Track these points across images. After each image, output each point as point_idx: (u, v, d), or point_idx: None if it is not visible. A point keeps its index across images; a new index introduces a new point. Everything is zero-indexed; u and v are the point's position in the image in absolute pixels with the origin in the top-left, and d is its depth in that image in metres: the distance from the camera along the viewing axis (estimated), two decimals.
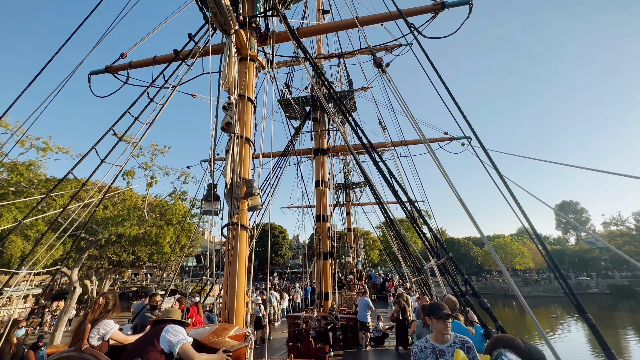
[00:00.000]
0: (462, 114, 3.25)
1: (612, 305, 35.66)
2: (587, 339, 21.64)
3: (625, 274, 48.93)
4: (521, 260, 48.39)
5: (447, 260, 2.79)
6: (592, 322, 1.92)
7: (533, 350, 1.15)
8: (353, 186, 19.89)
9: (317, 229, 10.38)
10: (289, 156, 10.23)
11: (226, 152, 4.22)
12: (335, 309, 9.55)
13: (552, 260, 2.45)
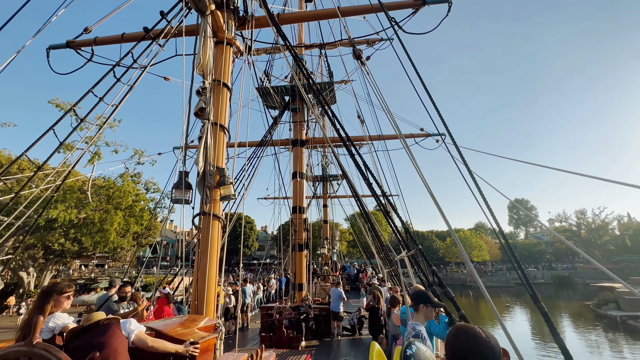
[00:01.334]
0: (438, 112, 3.32)
1: (554, 294, 39.46)
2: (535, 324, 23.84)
3: (566, 266, 54.72)
4: (479, 253, 52.34)
5: (416, 252, 2.89)
6: (545, 310, 2.07)
7: (490, 338, 1.20)
8: (331, 179, 19.99)
9: (293, 220, 10.36)
10: (266, 146, 10.06)
11: (199, 139, 4.06)
12: (308, 299, 9.66)
13: (513, 253, 2.60)
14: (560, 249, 58.10)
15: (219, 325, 3.63)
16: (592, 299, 29.42)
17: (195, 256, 3.98)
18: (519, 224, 71.12)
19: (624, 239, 53.57)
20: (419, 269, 3.06)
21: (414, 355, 1.24)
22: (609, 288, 28.46)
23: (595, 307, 27.31)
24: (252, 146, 10.24)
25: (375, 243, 11.38)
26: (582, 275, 48.54)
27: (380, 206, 3.47)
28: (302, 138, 10.69)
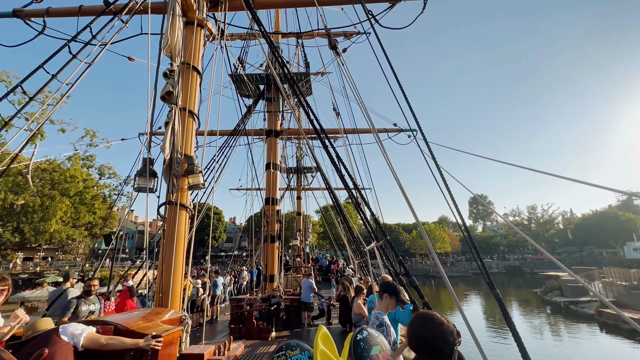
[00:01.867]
0: (410, 108, 3.40)
1: (506, 283, 43.35)
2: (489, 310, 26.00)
3: (517, 257, 60.20)
4: (441, 245, 56.13)
5: (385, 243, 2.98)
6: (499, 297, 2.23)
7: (449, 323, 1.28)
8: (305, 171, 19.94)
9: (265, 211, 10.25)
10: (239, 136, 9.78)
11: (166, 124, 3.85)
12: (280, 290, 9.67)
13: (475, 245, 2.76)
14: (512, 241, 63.39)
15: (185, 318, 3.53)
16: (539, 287, 32.44)
17: (160, 247, 3.81)
18: (478, 217, 76.32)
19: (566, 232, 59.65)
20: (387, 260, 3.16)
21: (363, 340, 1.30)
22: (555, 277, 31.41)
23: (542, 294, 30.06)
24: (224, 135, 9.92)
25: (347, 235, 11.59)
26: (530, 265, 53.67)
27: (352, 198, 3.51)
28: (277, 128, 10.52)
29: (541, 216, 62.68)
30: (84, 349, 2.11)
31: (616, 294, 24.23)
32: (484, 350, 2.01)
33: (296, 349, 1.31)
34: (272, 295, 9.12)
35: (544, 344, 17.81)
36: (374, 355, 1.25)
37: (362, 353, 1.26)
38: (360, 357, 1.26)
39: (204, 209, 6.97)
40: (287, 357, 1.32)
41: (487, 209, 72.39)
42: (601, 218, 54.99)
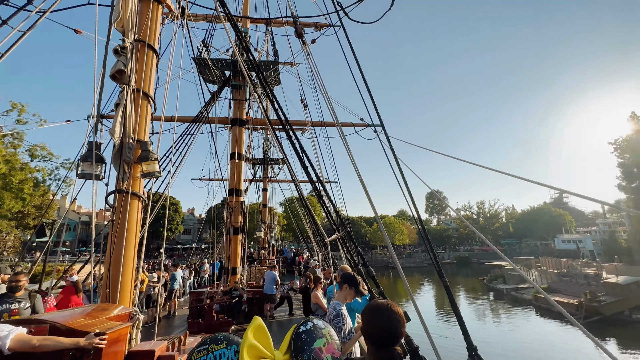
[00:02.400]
0: (373, 103, 3.46)
1: (456, 272, 47.50)
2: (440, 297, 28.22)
3: (466, 248, 66.09)
4: (400, 237, 59.64)
5: (345, 235, 3.05)
6: (447, 284, 2.39)
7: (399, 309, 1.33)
8: (272, 162, 19.63)
9: (229, 203, 9.95)
10: (202, 123, 9.32)
11: (116, 106, 3.54)
12: (242, 282, 9.53)
13: (427, 237, 2.92)
14: (463, 234, 68.93)
15: (136, 314, 3.33)
16: (485, 275, 35.71)
17: (109, 239, 3.54)
18: (434, 212, 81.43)
19: (508, 226, 66.34)
20: (347, 251, 3.24)
21: (306, 332, 1.25)
22: (499, 266, 34.68)
23: (488, 282, 33.04)
24: (185, 122, 9.40)
25: (311, 227, 11.69)
26: (477, 256, 59.09)
27: (315, 191, 3.52)
28: (243, 117, 10.19)
29: (488, 211, 69.01)
30: (12, 352, 1.91)
31: (549, 280, 27.33)
32: (431, 334, 2.15)
33: (222, 343, 1.21)
34: (234, 288, 8.96)
35: (486, 326, 19.65)
36: (316, 348, 1.19)
37: (302, 346, 1.19)
38: (300, 350, 1.18)
39: (161, 200, 6.57)
40: (210, 351, 1.21)
41: (442, 204, 77.30)
42: (537, 213, 62.08)
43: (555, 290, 24.59)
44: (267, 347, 1.23)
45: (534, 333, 17.76)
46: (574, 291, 22.73)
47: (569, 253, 44.39)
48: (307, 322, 1.30)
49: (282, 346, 1.28)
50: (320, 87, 3.56)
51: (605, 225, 49.21)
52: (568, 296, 22.03)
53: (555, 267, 28.70)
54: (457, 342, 4.47)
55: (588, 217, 70.44)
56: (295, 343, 1.21)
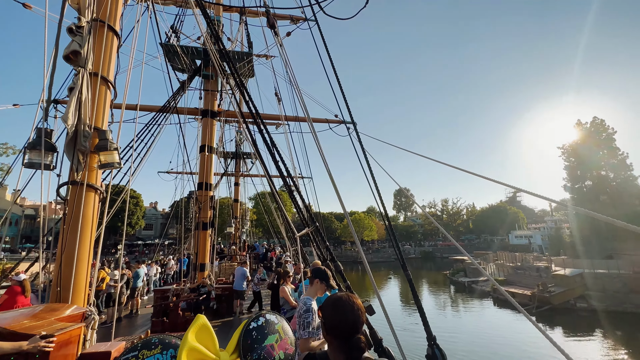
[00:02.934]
0: (344, 99, 3.49)
1: (420, 266, 49.95)
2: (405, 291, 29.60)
3: (430, 244, 69.48)
4: (369, 233, 61.67)
5: (314, 230, 3.06)
6: (410, 278, 2.48)
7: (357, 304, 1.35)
8: (244, 156, 19.18)
9: (198, 197, 9.61)
10: (170, 113, 8.87)
11: (70, 90, 3.26)
12: (211, 279, 9.28)
13: (393, 233, 3.00)
14: (428, 230, 72.54)
15: (91, 314, 3.13)
16: (448, 269, 37.85)
17: (60, 234, 3.27)
18: (401, 208, 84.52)
19: (469, 222, 70.83)
20: (317, 246, 3.26)
21: (257, 328, 1.16)
22: (461, 260, 36.79)
23: (450, 276, 34.97)
24: (151, 111, 8.91)
25: (284, 222, 11.63)
26: (441, 250, 62.67)
27: (286, 186, 3.50)
28: (214, 109, 9.84)
29: (451, 208, 73.24)
30: None
31: (506, 273, 29.40)
32: (394, 326, 2.23)
33: (155, 348, 1.04)
34: (202, 284, 8.71)
35: (447, 318, 20.81)
36: (267, 345, 1.09)
37: (252, 344, 1.09)
38: (250, 349, 1.07)
39: (123, 194, 6.18)
40: (141, 358, 1.03)
41: (408, 201, 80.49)
42: (494, 211, 67.19)
43: (511, 282, 26.52)
44: (211, 348, 1.10)
45: (491, 322, 19.08)
46: (528, 283, 24.66)
47: (522, 248, 48.10)
48: (259, 317, 1.19)
49: (229, 345, 1.15)
50: (293, 81, 3.52)
51: (552, 223, 54.29)
52: (523, 288, 23.87)
53: (511, 260, 30.99)
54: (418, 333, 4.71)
55: (537, 214, 77.03)
56: (245, 341, 1.11)
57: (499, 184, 3.05)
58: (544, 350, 12.62)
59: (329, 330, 1.31)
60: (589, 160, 34.07)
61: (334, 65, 3.63)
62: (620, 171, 33.21)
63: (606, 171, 33.82)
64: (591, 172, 34.04)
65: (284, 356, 1.09)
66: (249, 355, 1.10)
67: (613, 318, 18.06)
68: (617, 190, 31.95)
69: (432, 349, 2.33)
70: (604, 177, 33.65)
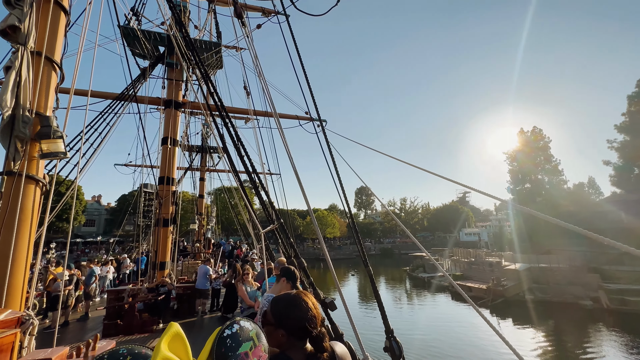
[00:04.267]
0: (312, 95, 3.49)
1: (379, 262, 51.97)
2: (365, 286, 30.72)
3: (389, 241, 72.65)
4: (332, 230, 62.85)
5: (279, 226, 3.04)
6: (371, 273, 2.56)
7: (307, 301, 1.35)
8: (211, 150, 18.46)
9: (159, 192, 9.10)
10: (128, 101, 8.28)
11: (6, 69, 2.91)
12: (171, 278, 8.86)
13: (356, 230, 3.07)
14: (387, 227, 75.62)
15: (29, 318, 2.84)
16: (406, 265, 39.71)
17: None
18: (362, 206, 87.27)
19: (424, 220, 75.12)
20: (281, 242, 3.24)
21: (231, 336, 1.10)
22: (420, 257, 38.72)
23: (411, 271, 36.67)
24: (107, 98, 8.26)
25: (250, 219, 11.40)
26: (399, 247, 65.59)
27: (251, 182, 3.43)
28: (178, 99, 9.36)
29: (409, 207, 77.04)
30: None
31: (462, 268, 31.39)
32: (354, 321, 2.28)
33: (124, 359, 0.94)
34: (161, 284, 8.28)
35: (406, 312, 21.85)
36: (242, 353, 1.05)
37: (226, 352, 1.04)
38: (224, 357, 1.03)
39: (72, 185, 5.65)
40: None
41: (369, 199, 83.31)
42: (447, 210, 72.21)
43: (467, 277, 28.38)
44: (185, 358, 1.05)
45: (449, 315, 20.30)
46: (482, 277, 26.54)
47: (471, 244, 51.63)
48: (233, 324, 1.12)
49: (202, 354, 1.09)
50: (260, 74, 3.43)
51: (496, 221, 59.31)
52: (478, 282, 25.64)
53: (465, 256, 33.20)
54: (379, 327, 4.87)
55: (483, 213, 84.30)
56: (219, 349, 1.04)
57: (456, 183, 3.24)
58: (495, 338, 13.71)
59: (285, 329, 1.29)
60: (529, 165, 38.44)
61: (303, 62, 3.61)
62: (554, 176, 37.78)
63: (542, 175, 38.28)
64: (530, 176, 38.24)
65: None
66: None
67: (555, 308, 20.08)
68: (550, 193, 35.90)
69: (390, 342, 2.42)
70: (540, 180, 37.94)
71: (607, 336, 15.64)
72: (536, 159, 38.48)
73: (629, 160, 32.59)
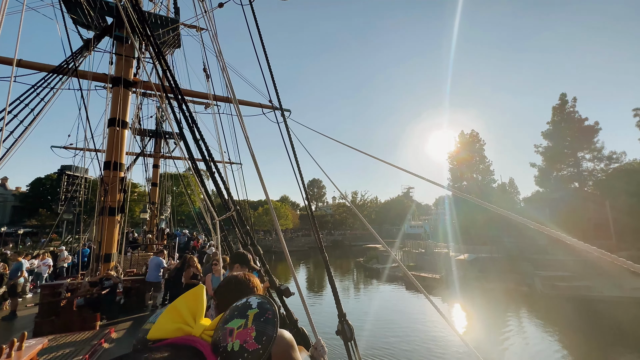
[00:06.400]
0: (274, 86, 3.42)
1: (330, 254, 53.51)
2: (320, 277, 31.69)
3: (340, 233, 75.64)
4: (285, 222, 63.51)
5: (235, 214, 2.97)
6: (326, 259, 2.63)
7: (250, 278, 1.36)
8: (166, 135, 17.26)
9: (104, 178, 8.34)
10: (68, 76, 7.39)
11: None
12: (118, 270, 8.24)
13: (314, 219, 3.11)
14: (338, 219, 78.36)
15: None
16: (357, 257, 41.52)
17: None
18: (313, 199, 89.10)
19: (372, 213, 79.36)
20: (237, 230, 3.17)
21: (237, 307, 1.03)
22: (373, 248, 40.65)
23: (365, 262, 38.32)
24: (41, 70, 7.32)
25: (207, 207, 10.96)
26: (349, 239, 68.88)
27: (208, 169, 3.29)
28: (129, 78, 8.58)
29: (360, 200, 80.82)
30: None
31: (414, 259, 33.48)
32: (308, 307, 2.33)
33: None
34: (105, 277, 7.67)
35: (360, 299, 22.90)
36: (228, 328, 0.97)
37: (221, 322, 0.99)
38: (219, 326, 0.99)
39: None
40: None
41: (320, 191, 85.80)
42: (394, 203, 77.71)
43: (420, 268, 30.34)
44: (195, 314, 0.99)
45: (403, 303, 21.67)
46: (434, 268, 28.57)
47: (415, 236, 54.84)
48: (250, 298, 1.02)
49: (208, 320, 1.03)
50: (220, 56, 3.26)
51: (436, 215, 64.21)
52: (431, 272, 27.57)
53: (416, 248, 35.58)
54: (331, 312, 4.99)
55: (424, 207, 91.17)
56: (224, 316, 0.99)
57: (411, 174, 3.43)
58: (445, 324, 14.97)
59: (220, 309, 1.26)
60: (466, 165, 43.46)
61: (265, 47, 3.51)
62: (486, 175, 43.23)
63: (477, 175, 43.37)
64: (467, 175, 43.17)
65: (238, 348, 0.90)
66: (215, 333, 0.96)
67: (499, 294, 22.37)
68: (483, 191, 40.47)
69: (342, 325, 2.52)
70: (475, 179, 42.86)
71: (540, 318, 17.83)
72: (473, 159, 43.53)
73: (550, 163, 37.98)
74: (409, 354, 12.85)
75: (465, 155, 43.67)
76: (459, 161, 44.19)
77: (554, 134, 37.58)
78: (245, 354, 0.88)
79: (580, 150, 36.23)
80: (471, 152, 43.71)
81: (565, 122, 37.16)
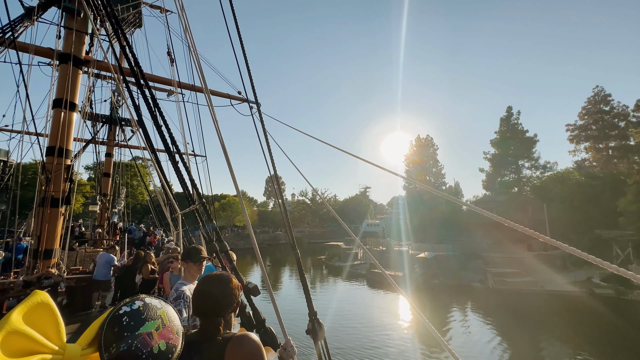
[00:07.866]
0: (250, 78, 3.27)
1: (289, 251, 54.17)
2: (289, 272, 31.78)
3: (299, 230, 75.49)
4: (242, 218, 62.23)
5: (199, 207, 2.79)
6: (298, 257, 2.58)
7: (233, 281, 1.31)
8: (122, 122, 15.87)
9: (46, 165, 7.45)
10: (4, 47, 6.48)
11: None
12: (60, 268, 7.44)
13: (287, 215, 3.03)
14: (297, 217, 79.13)
15: None
16: (316, 254, 42.20)
17: None
18: (271, 195, 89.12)
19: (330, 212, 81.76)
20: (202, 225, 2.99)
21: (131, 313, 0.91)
22: (335, 246, 41.56)
23: (327, 260, 38.93)
24: None
25: (167, 200, 10.27)
26: (308, 236, 70.22)
27: (171, 160, 3.05)
28: (80, 55, 7.74)
29: (319, 198, 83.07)
30: None
31: (376, 257, 34.57)
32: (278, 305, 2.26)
33: None
34: (44, 275, 6.88)
35: (325, 296, 23.29)
36: (144, 333, 0.89)
37: (120, 332, 0.88)
38: (117, 338, 0.86)
39: None
40: None
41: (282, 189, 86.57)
42: (352, 202, 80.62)
43: (384, 266, 31.40)
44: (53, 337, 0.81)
45: (365, 299, 22.35)
46: (396, 265, 29.72)
47: (373, 234, 56.70)
48: (135, 301, 0.93)
49: (84, 336, 0.88)
50: (189, 40, 3.02)
51: (390, 214, 67.55)
52: (394, 270, 28.62)
53: (376, 246, 36.93)
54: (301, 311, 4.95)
55: (379, 207, 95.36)
56: (109, 329, 0.86)
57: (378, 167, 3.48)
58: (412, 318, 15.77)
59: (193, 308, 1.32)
60: (421, 168, 47.51)
61: (241, 35, 3.34)
62: (438, 177, 47.80)
63: (429, 177, 47.53)
64: (420, 177, 47.10)
65: (165, 347, 0.91)
66: (114, 347, 0.85)
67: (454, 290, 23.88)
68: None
69: (313, 324, 2.48)
70: (428, 181, 46.87)
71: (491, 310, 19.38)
72: (427, 162, 47.72)
73: (496, 169, 42.62)
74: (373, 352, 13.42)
75: (419, 158, 47.80)
76: (413, 163, 48.32)
77: (501, 142, 42.06)
78: (174, 349, 0.94)
79: (521, 158, 41.21)
80: (425, 156, 47.82)
81: (510, 132, 41.78)
